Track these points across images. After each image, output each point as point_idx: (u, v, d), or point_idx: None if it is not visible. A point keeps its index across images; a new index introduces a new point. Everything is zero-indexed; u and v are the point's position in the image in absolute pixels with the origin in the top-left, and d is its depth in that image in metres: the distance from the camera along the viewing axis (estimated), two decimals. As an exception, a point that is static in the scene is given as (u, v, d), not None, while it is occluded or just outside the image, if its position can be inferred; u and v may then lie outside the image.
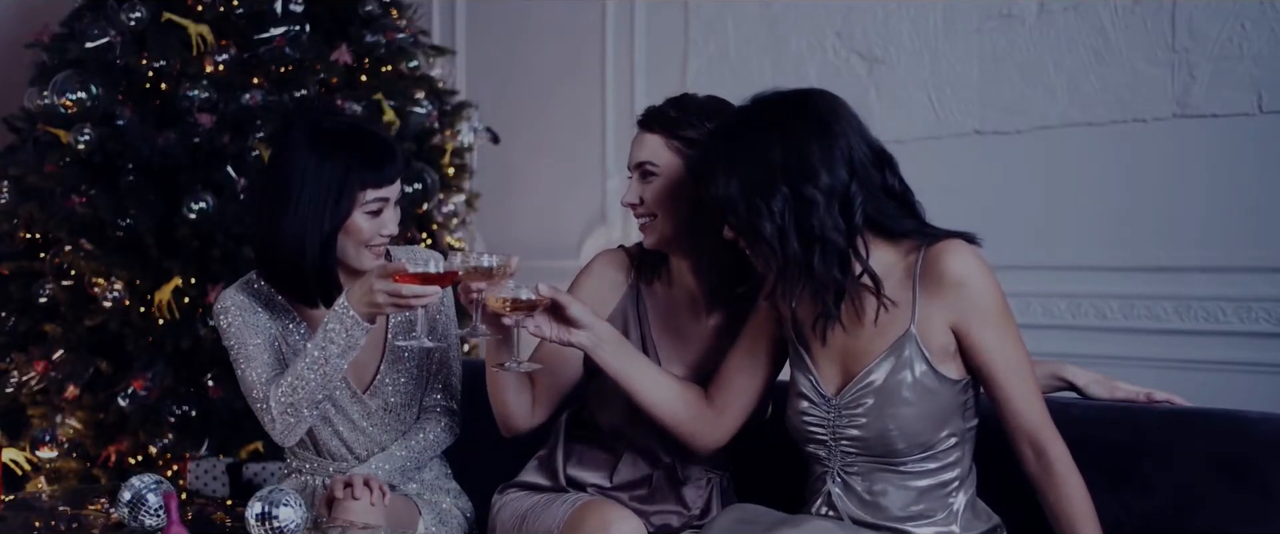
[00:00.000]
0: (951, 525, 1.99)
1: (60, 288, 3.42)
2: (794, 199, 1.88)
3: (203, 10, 3.46)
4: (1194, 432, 2.06)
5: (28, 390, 3.45)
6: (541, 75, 4.32)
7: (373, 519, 2.18)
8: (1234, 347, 2.97)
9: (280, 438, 2.32)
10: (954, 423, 1.98)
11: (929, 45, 3.42)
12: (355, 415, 2.40)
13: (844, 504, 2.00)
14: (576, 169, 4.17)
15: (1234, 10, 2.95)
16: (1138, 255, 3.10)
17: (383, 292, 2.14)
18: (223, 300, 2.37)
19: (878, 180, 1.93)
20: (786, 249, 1.89)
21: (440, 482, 2.52)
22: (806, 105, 1.95)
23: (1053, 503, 1.95)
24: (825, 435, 2.00)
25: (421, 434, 2.43)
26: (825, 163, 1.88)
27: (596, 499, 2.24)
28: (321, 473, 2.44)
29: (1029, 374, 1.96)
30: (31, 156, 3.48)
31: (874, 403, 1.95)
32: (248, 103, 3.39)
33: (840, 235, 1.89)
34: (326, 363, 2.22)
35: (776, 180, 1.88)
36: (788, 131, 1.91)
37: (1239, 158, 2.96)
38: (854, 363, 1.98)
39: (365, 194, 2.26)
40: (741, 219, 1.91)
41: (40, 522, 2.30)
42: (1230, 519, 1.99)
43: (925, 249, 1.94)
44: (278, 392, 2.26)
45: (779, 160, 1.89)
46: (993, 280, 1.94)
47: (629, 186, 2.22)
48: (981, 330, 1.93)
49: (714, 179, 1.94)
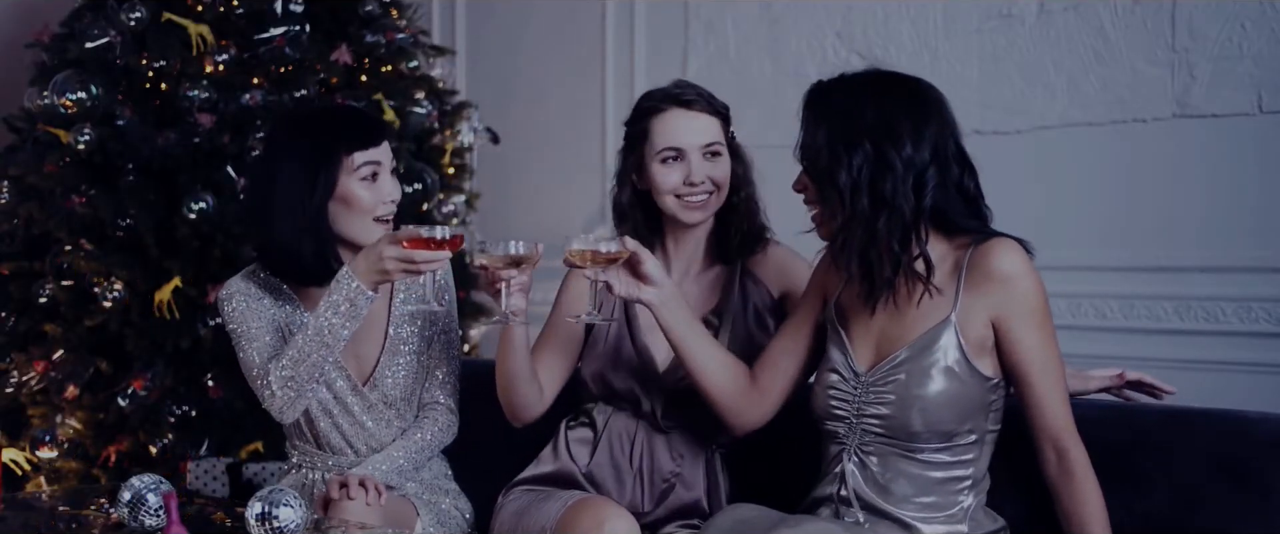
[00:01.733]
0: (960, 525, 2.00)
1: (60, 288, 3.42)
2: (874, 158, 1.94)
3: (203, 10, 3.46)
4: (1194, 431, 2.06)
5: (28, 390, 3.45)
6: (541, 75, 4.32)
7: (370, 519, 2.18)
8: (1234, 347, 2.97)
9: (279, 414, 2.32)
10: (977, 420, 1.99)
11: (929, 45, 3.42)
12: (355, 408, 2.41)
13: (856, 482, 2.02)
14: (576, 169, 4.17)
15: (1234, 10, 2.95)
16: (1138, 255, 3.10)
17: (392, 257, 2.14)
18: (227, 287, 2.39)
19: (955, 176, 1.99)
20: (856, 204, 1.94)
21: (440, 482, 2.52)
22: (912, 85, 2.02)
23: (1067, 506, 1.97)
24: (849, 412, 2.03)
25: (419, 434, 2.43)
26: (913, 137, 1.94)
27: (591, 497, 2.26)
28: (322, 467, 2.44)
29: (1060, 378, 1.99)
30: (31, 156, 3.47)
31: (903, 381, 1.97)
32: (248, 103, 3.39)
33: (908, 208, 1.94)
34: (329, 333, 2.22)
35: (862, 137, 1.94)
36: (886, 100, 1.98)
37: (1239, 158, 2.96)
38: (889, 344, 2.02)
39: (352, 159, 2.28)
40: (820, 165, 1.97)
41: (40, 522, 2.30)
42: (1230, 519, 1.99)
43: (976, 245, 1.99)
44: (278, 365, 2.27)
45: (870, 120, 1.95)
46: (1038, 282, 1.97)
47: (693, 167, 2.28)
48: (1021, 328, 1.96)
49: (804, 128, 2.01)
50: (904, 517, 1.99)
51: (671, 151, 2.30)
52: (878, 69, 2.06)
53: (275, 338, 2.35)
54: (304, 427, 2.44)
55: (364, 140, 2.30)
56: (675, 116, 2.31)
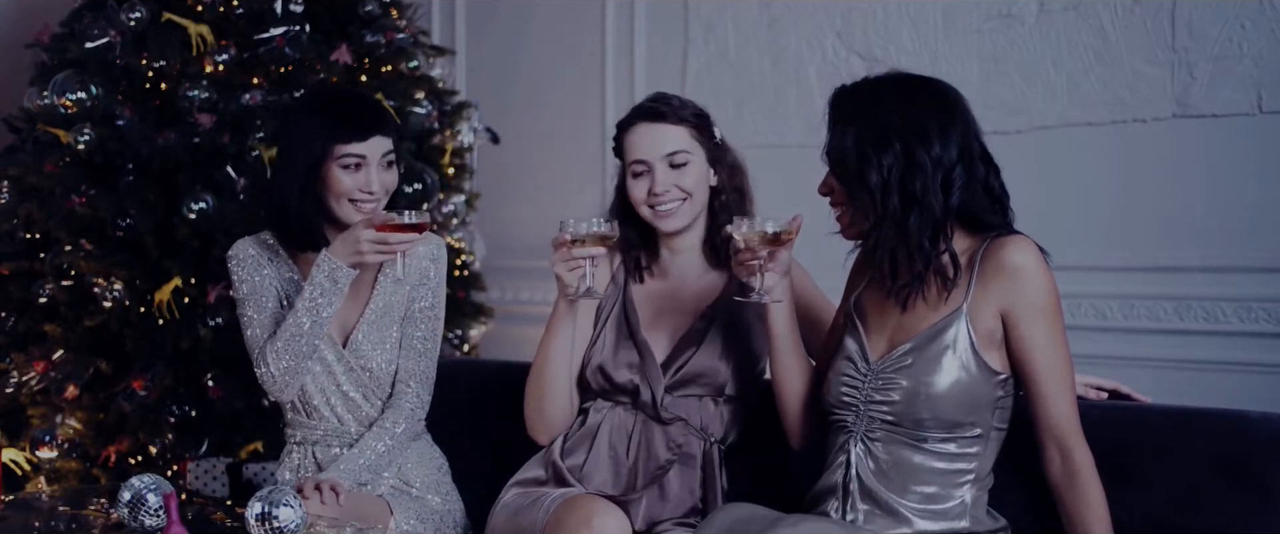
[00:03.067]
0: (959, 522, 2.00)
1: (60, 288, 3.42)
2: (904, 159, 1.97)
3: (203, 10, 3.46)
4: (1194, 431, 2.07)
5: (28, 390, 3.45)
6: (541, 75, 4.32)
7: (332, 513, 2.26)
8: (1233, 347, 2.97)
9: (278, 391, 2.48)
10: (983, 415, 2.01)
11: (929, 45, 3.42)
12: (339, 373, 2.52)
13: (860, 467, 2.04)
14: (576, 169, 4.17)
15: (1234, 10, 2.95)
16: (1137, 255, 3.10)
17: (367, 240, 2.35)
18: (234, 247, 2.57)
19: (981, 174, 2.02)
20: (887, 203, 1.97)
21: (434, 481, 2.54)
22: (935, 86, 2.06)
23: (1070, 508, 1.98)
24: (858, 399, 2.06)
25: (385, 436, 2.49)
26: (940, 137, 1.98)
27: (580, 494, 2.27)
28: (313, 437, 2.54)
29: (1068, 377, 2.00)
30: (31, 156, 3.47)
31: (912, 369, 2.00)
32: (248, 103, 3.39)
33: (938, 206, 1.97)
34: (315, 311, 2.41)
35: (892, 138, 1.97)
36: (912, 101, 2.01)
37: (1238, 158, 2.96)
38: (901, 334, 2.04)
39: (337, 149, 2.44)
40: (850, 168, 2.00)
41: (40, 522, 2.30)
42: (1230, 519, 1.99)
43: (991, 239, 2.01)
44: (272, 344, 2.44)
45: (898, 121, 1.98)
46: (1050, 279, 1.99)
47: (657, 177, 2.33)
48: (1029, 323, 1.97)
49: (830, 132, 2.04)
50: (904, 507, 2.00)
51: (639, 164, 2.38)
52: (899, 71, 2.10)
53: (275, 305, 2.52)
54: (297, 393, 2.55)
55: (349, 135, 2.45)
56: (641, 130, 2.40)
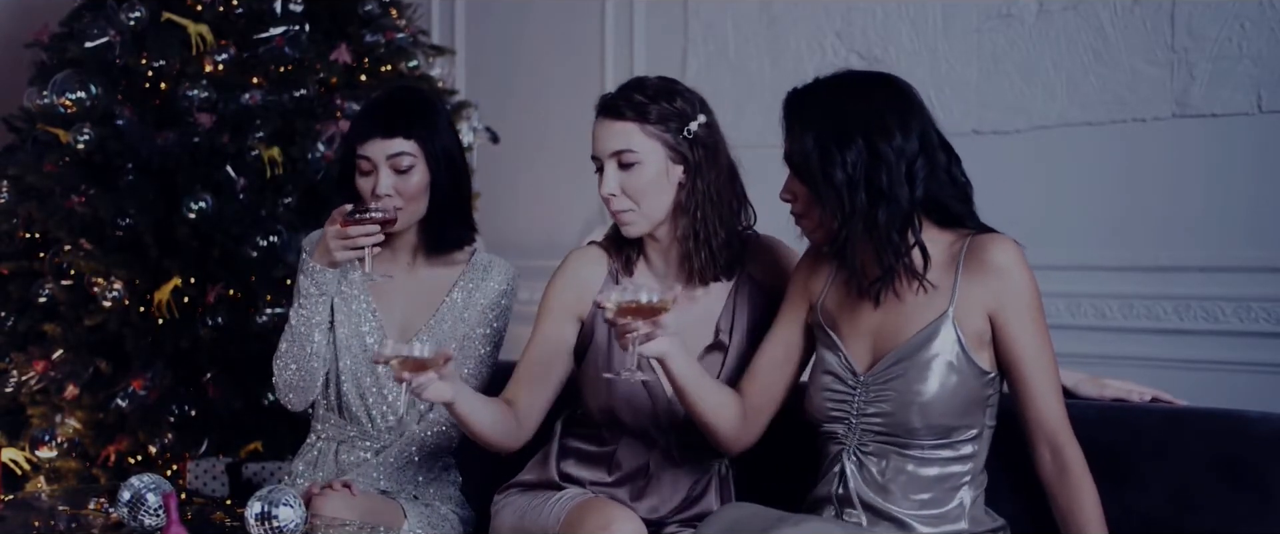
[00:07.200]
0: (959, 524, 2.00)
1: (60, 288, 3.42)
2: (868, 153, 1.95)
3: (202, 10, 3.46)
4: (1192, 431, 2.06)
5: (27, 390, 3.44)
6: (541, 75, 4.32)
7: (348, 515, 2.24)
8: (1233, 346, 2.97)
9: (288, 402, 2.46)
10: (975, 416, 2.00)
11: (928, 45, 3.42)
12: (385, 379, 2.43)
13: (856, 482, 2.02)
14: (576, 169, 4.14)
15: (1234, 10, 2.95)
16: (1137, 255, 3.10)
17: (332, 236, 2.30)
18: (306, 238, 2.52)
19: (944, 164, 2.01)
20: (854, 199, 1.95)
21: (446, 489, 2.52)
22: (887, 80, 2.05)
23: (1063, 506, 1.98)
24: (848, 413, 2.03)
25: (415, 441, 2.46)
26: (902, 128, 1.96)
27: (596, 497, 2.23)
28: (341, 437, 2.49)
29: (1054, 375, 2.00)
30: (31, 156, 3.47)
31: (903, 379, 1.98)
32: (247, 103, 3.39)
33: (904, 198, 1.95)
34: (305, 317, 2.39)
35: (854, 133, 1.95)
36: (869, 96, 2.00)
37: (1238, 158, 2.96)
38: (886, 342, 2.01)
39: (357, 151, 2.41)
40: (813, 168, 1.97)
41: (40, 522, 2.31)
42: (1229, 519, 1.99)
43: (972, 238, 2.01)
44: (277, 355, 2.44)
45: (858, 117, 1.96)
46: (1033, 278, 1.99)
47: (605, 178, 2.16)
48: (1016, 322, 1.97)
49: (788, 136, 2.02)
50: (903, 515, 1.99)
51: (595, 162, 2.18)
52: (848, 69, 2.09)
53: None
54: (331, 391, 2.49)
55: (365, 133, 2.41)
56: (597, 125, 2.18)
